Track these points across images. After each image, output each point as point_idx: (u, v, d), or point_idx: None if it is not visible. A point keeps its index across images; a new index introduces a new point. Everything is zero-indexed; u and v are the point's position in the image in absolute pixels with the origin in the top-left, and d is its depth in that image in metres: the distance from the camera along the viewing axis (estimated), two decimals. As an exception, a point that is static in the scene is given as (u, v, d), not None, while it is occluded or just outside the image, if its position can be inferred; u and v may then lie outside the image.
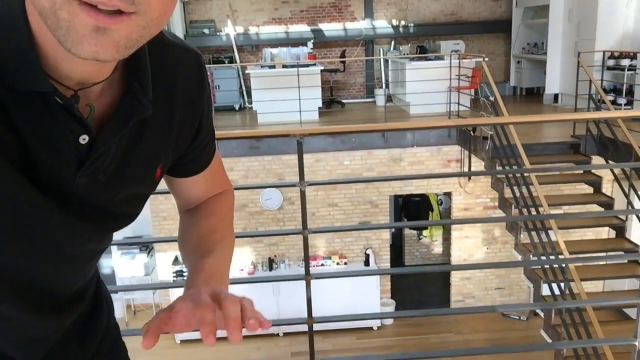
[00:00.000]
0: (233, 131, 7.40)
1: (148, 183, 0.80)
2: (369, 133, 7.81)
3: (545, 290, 4.92)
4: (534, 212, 5.18)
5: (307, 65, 8.75)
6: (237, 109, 10.53)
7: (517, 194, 5.46)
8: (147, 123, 0.72)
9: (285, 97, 7.84)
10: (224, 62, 10.62)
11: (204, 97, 0.84)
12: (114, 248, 8.54)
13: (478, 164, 7.37)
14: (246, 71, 9.53)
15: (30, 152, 0.61)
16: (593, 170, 6.34)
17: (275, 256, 8.33)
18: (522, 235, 5.58)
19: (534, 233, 4.97)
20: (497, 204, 6.78)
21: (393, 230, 10.52)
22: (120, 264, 8.41)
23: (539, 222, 4.91)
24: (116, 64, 0.65)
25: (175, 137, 0.80)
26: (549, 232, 4.75)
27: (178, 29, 10.58)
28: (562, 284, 4.48)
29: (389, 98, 10.68)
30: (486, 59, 7.34)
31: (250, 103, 9.58)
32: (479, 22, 10.98)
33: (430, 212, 9.73)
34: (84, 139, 0.64)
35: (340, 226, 8.21)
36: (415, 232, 10.18)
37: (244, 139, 6.90)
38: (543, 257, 4.83)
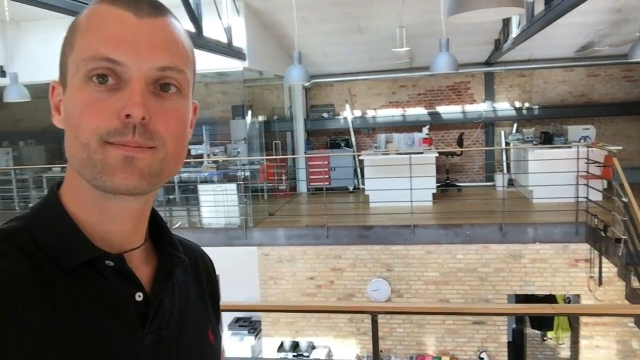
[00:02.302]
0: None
1: (206, 347, 0.83)
2: (486, 226, 7.37)
3: None
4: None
5: (421, 153, 8.58)
6: (350, 189, 10.59)
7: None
8: (189, 289, 0.82)
9: (397, 182, 7.70)
10: (340, 145, 10.84)
11: (218, 287, 0.93)
12: (225, 327, 8.76)
13: (611, 267, 6.58)
14: (360, 157, 9.59)
15: (97, 324, 0.66)
16: None
17: (381, 351, 7.95)
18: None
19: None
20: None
21: (514, 326, 9.64)
22: (230, 344, 8.56)
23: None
24: (146, 235, 0.77)
25: (210, 311, 0.88)
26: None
27: (300, 113, 11.06)
28: None
29: (510, 182, 10.13)
30: (617, 149, 6.68)
31: (364, 184, 9.57)
32: (612, 104, 10.16)
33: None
34: (139, 295, 0.71)
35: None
36: (538, 332, 9.22)
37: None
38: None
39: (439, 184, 10.06)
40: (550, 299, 8.78)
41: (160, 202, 9.08)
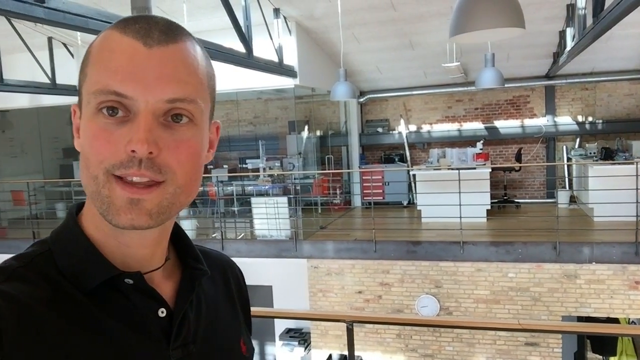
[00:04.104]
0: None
1: (238, 358, 0.84)
2: (539, 245, 7.16)
3: None
4: None
5: (474, 168, 8.46)
6: (404, 204, 10.56)
7: None
8: (219, 301, 0.83)
9: (449, 198, 7.63)
10: (394, 160, 10.85)
11: (248, 297, 0.94)
12: (276, 337, 8.96)
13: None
14: (411, 172, 9.57)
15: (121, 343, 0.67)
16: None
17: (429, 368, 7.85)
18: None
19: None
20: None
21: (575, 350, 9.21)
22: (280, 354, 8.74)
23: None
24: (167, 253, 0.77)
25: (241, 321, 0.88)
26: None
27: (354, 128, 11.19)
28: None
29: (572, 199, 9.76)
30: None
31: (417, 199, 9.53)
32: (684, 118, 9.59)
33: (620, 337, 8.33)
34: (162, 311, 0.71)
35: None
36: (600, 357, 8.76)
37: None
38: None
39: (495, 200, 9.85)
40: (611, 322, 8.36)
41: (222, 213, 9.44)
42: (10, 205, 10.50)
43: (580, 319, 8.58)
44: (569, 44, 7.04)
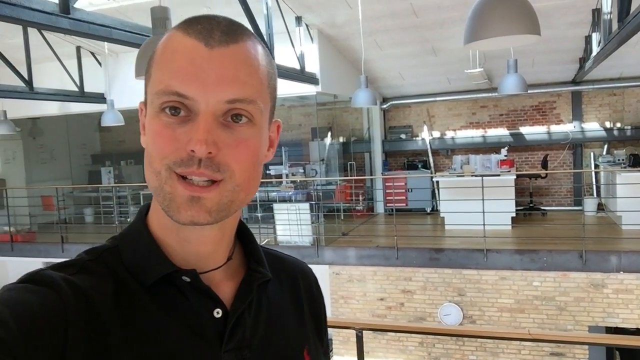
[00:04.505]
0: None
1: None
2: (565, 253, 7.03)
3: None
4: None
5: (498, 175, 8.35)
6: (428, 211, 10.48)
7: None
8: (283, 307, 0.82)
9: (472, 205, 7.55)
10: (417, 167, 10.79)
11: (324, 304, 0.92)
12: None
13: None
14: (434, 178, 9.50)
15: (174, 340, 0.68)
16: None
17: (452, 377, 7.75)
18: None
19: None
20: None
21: (603, 361, 8.97)
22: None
23: None
24: (230, 252, 0.77)
25: (310, 330, 0.86)
26: None
27: (377, 135, 11.17)
28: None
29: (599, 207, 9.56)
30: None
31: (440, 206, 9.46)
32: None
33: (650, 348, 8.09)
34: (217, 312, 0.71)
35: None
36: (630, 369, 8.52)
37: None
38: None
39: (521, 208, 9.71)
40: (641, 333, 8.13)
41: (245, 219, 9.52)
42: (40, 210, 10.76)
43: (609, 329, 8.38)
44: (595, 49, 6.92)
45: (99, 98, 8.80)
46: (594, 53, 6.92)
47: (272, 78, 0.71)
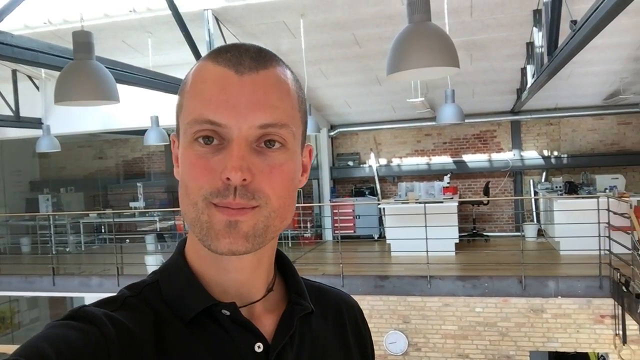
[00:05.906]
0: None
1: None
2: (506, 279, 7.15)
3: None
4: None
5: (441, 202, 8.49)
6: (375, 238, 10.52)
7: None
8: (327, 340, 0.79)
9: (417, 232, 7.62)
10: (364, 194, 10.86)
11: (370, 337, 0.91)
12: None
13: (636, 325, 6.22)
14: (379, 205, 9.57)
15: None
16: None
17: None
18: None
19: None
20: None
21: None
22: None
23: None
24: (270, 284, 0.77)
25: (354, 359, 0.84)
26: None
27: (325, 161, 11.20)
28: None
29: (540, 232, 9.84)
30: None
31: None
32: (646, 153, 9.83)
33: (589, 371, 8.29)
34: (258, 346, 0.69)
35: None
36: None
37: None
38: None
39: (464, 234, 9.88)
40: (583, 357, 8.34)
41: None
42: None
43: (551, 354, 8.55)
44: (530, 80, 7.21)
45: (36, 123, 8.47)
46: (529, 84, 7.20)
47: (302, 102, 0.72)
